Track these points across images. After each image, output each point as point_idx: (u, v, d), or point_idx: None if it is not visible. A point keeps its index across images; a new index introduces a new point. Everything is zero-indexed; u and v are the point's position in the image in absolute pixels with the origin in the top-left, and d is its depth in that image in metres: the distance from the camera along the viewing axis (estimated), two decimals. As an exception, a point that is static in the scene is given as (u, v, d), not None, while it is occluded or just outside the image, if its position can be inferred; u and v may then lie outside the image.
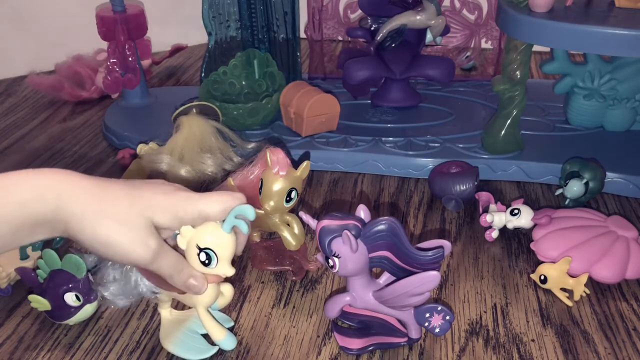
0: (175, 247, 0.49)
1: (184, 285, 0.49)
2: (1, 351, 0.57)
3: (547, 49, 1.12)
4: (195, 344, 0.56)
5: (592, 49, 0.75)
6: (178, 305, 0.61)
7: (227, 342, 0.55)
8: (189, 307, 0.60)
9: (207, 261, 0.49)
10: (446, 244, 0.51)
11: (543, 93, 0.99)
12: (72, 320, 0.59)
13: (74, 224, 0.43)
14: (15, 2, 1.15)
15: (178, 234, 0.49)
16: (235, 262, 0.67)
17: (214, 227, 0.48)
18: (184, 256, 0.50)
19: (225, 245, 0.49)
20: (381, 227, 0.49)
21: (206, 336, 0.57)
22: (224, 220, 0.48)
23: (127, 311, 0.61)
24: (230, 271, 0.50)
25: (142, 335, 0.58)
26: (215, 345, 0.56)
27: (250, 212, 0.47)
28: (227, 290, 0.56)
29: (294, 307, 0.62)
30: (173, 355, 0.56)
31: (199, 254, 0.49)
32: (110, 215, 0.43)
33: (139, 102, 1.00)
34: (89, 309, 0.59)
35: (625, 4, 0.73)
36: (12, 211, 0.41)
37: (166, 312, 0.59)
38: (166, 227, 0.47)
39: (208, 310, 0.55)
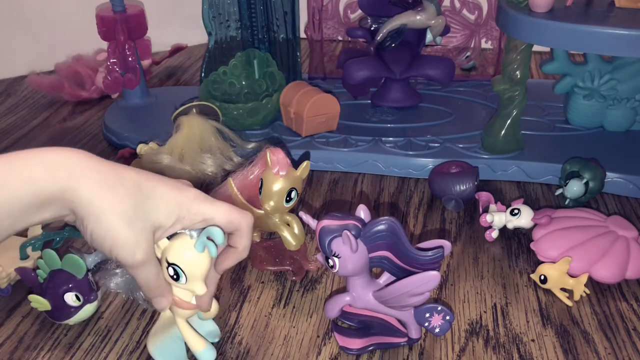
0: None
1: (150, 299, 0.49)
2: (1, 351, 0.57)
3: (547, 49, 1.12)
4: (175, 350, 0.54)
5: (592, 49, 0.75)
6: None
7: (205, 354, 0.53)
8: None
9: (175, 277, 0.47)
10: (446, 244, 0.51)
11: (543, 93, 0.99)
12: (72, 320, 0.59)
13: (80, 208, 0.41)
14: (15, 2, 1.15)
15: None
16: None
17: (184, 244, 0.46)
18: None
19: (194, 264, 0.46)
20: (381, 227, 0.49)
21: None
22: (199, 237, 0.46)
23: (127, 311, 0.61)
24: (201, 290, 0.48)
25: (142, 335, 0.58)
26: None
27: (219, 236, 0.45)
28: (212, 305, 0.54)
29: (294, 307, 0.62)
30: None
31: (167, 268, 0.47)
32: (118, 211, 0.42)
33: (139, 102, 1.00)
34: (89, 309, 0.59)
35: (625, 4, 0.73)
36: (22, 188, 0.39)
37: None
38: (169, 226, 0.46)
39: (187, 322, 0.53)
